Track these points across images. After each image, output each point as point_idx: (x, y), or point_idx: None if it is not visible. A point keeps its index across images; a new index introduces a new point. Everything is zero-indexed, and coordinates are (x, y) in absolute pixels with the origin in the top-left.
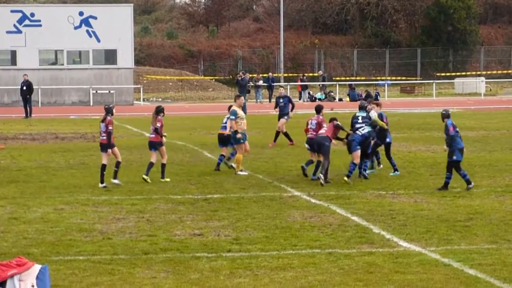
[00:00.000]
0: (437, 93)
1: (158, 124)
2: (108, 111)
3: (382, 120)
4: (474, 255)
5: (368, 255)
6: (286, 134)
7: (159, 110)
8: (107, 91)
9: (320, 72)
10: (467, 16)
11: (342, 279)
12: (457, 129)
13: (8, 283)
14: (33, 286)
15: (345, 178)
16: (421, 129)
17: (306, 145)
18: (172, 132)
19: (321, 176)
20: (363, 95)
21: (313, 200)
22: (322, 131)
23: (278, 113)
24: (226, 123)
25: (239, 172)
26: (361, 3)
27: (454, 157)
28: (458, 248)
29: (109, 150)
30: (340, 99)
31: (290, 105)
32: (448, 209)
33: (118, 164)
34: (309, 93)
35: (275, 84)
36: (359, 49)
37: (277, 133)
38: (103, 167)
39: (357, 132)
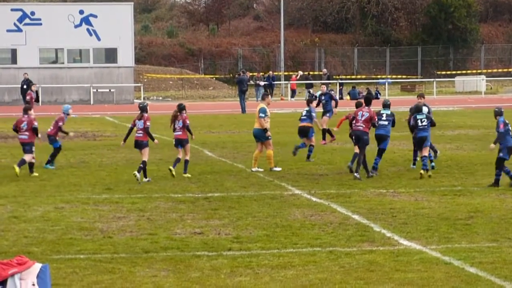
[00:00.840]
0: (438, 91)
1: (187, 121)
2: (143, 109)
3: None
4: (474, 253)
5: (369, 254)
6: (328, 131)
7: (182, 108)
8: (108, 90)
9: (324, 71)
10: (467, 15)
11: (343, 277)
12: (508, 127)
13: (8, 282)
14: (34, 285)
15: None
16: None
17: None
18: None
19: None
20: (364, 94)
21: (313, 199)
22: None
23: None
24: (305, 116)
25: (275, 169)
26: (362, 1)
27: (501, 154)
28: (459, 247)
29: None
30: (341, 98)
31: (333, 102)
32: (448, 207)
33: (144, 163)
34: (309, 92)
35: (275, 82)
36: (359, 47)
37: (324, 131)
38: (144, 163)
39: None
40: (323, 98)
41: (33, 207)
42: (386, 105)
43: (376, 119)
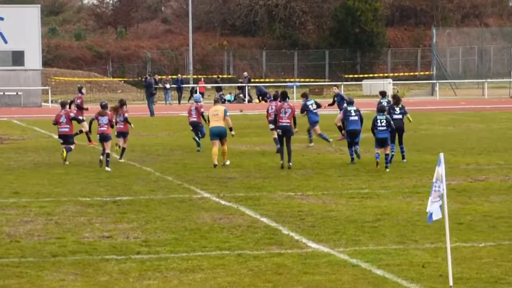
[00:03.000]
0: (345, 94)
1: (126, 115)
2: (105, 107)
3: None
4: (382, 256)
5: (277, 256)
6: (340, 128)
7: (123, 103)
8: (15, 93)
9: (245, 74)
10: (374, 18)
11: (251, 280)
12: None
13: None
14: None
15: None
16: (330, 130)
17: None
18: (81, 134)
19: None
20: (271, 97)
21: (222, 202)
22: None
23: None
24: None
25: (227, 163)
26: (269, 5)
27: None
28: (366, 249)
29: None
30: (250, 101)
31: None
32: (356, 210)
33: (108, 154)
34: (220, 95)
35: (184, 85)
36: (267, 50)
37: (339, 127)
38: (108, 155)
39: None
40: (335, 99)
41: None
42: (350, 103)
43: (296, 114)
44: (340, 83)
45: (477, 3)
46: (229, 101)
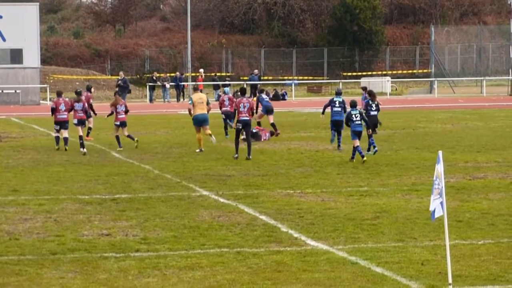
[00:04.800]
0: (344, 92)
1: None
2: (79, 93)
3: None
4: (380, 253)
5: (276, 254)
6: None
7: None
8: (13, 91)
9: (256, 71)
10: (372, 16)
11: (251, 278)
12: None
13: None
14: None
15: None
16: (328, 128)
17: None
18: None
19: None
20: (271, 95)
21: (221, 200)
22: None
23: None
24: None
25: (213, 137)
26: (268, 3)
27: None
28: (365, 246)
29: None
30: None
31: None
32: (355, 207)
33: (81, 137)
34: (219, 94)
35: (182, 83)
36: (266, 48)
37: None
38: (81, 137)
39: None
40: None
41: None
42: (338, 93)
43: (255, 107)
44: (338, 81)
45: (475, 1)
46: None
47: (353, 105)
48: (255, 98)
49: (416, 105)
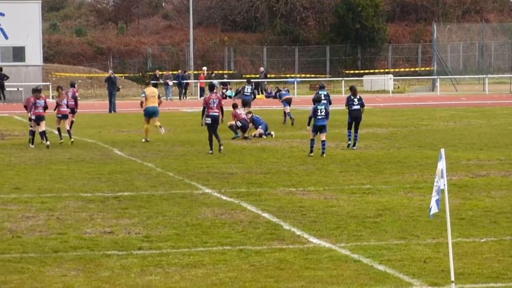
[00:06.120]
0: (346, 90)
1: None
2: (40, 91)
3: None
4: (383, 251)
5: (279, 252)
6: None
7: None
8: (16, 89)
9: (262, 69)
10: (375, 14)
11: (253, 275)
12: None
13: None
14: None
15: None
16: (329, 126)
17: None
18: (82, 129)
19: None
20: (273, 93)
21: (223, 197)
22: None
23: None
24: None
25: (163, 128)
26: (270, 0)
27: None
28: (368, 244)
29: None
30: (268, 96)
31: None
32: (357, 205)
33: (44, 132)
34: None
35: (185, 81)
36: (268, 46)
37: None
38: (41, 133)
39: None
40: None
41: None
42: (322, 87)
43: (223, 102)
44: (341, 78)
45: None
46: (229, 96)
47: (318, 100)
48: (262, 95)
49: (418, 103)
